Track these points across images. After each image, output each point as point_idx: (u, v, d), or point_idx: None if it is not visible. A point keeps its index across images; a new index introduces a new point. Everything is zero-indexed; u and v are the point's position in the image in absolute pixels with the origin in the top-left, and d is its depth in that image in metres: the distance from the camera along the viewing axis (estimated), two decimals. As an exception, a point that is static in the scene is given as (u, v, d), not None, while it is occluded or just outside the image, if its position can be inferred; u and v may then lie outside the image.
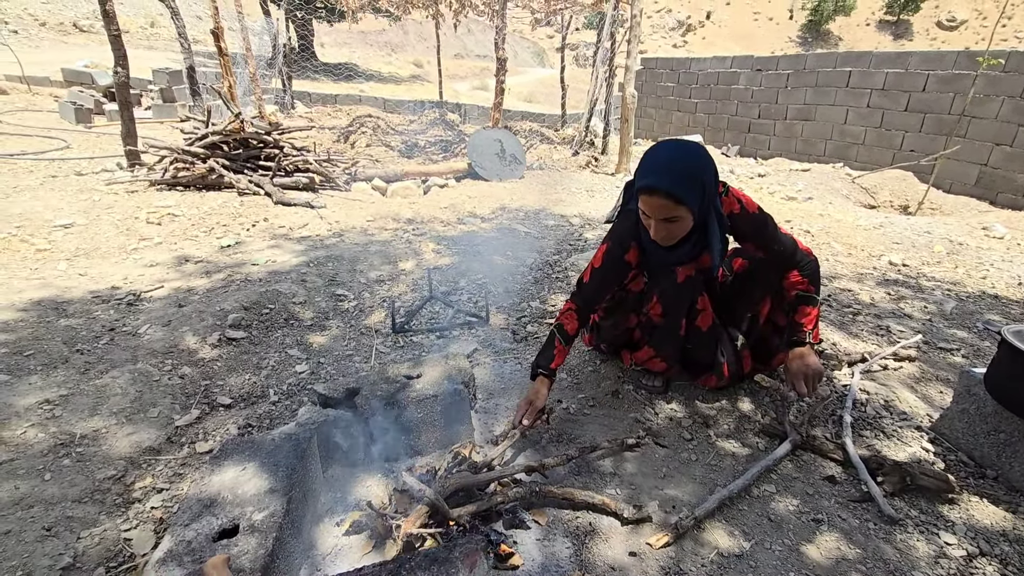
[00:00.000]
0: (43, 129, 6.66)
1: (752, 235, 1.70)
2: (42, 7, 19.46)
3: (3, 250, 3.06)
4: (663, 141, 1.53)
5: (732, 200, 1.63)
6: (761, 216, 1.67)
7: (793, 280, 1.76)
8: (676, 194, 1.44)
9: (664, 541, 1.33)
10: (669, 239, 1.57)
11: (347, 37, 27.38)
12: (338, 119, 9.37)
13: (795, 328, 1.78)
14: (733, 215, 1.64)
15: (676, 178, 1.44)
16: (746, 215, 1.65)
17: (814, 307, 1.76)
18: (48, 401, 1.75)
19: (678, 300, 1.74)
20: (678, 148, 1.50)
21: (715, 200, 1.56)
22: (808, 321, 1.77)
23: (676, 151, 1.49)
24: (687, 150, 1.49)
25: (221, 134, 4.66)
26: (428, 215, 4.26)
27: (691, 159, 1.48)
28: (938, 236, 4.20)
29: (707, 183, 1.49)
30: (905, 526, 1.41)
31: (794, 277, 1.75)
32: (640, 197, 1.50)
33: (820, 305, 1.76)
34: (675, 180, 1.44)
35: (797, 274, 1.75)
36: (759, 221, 1.67)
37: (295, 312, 2.51)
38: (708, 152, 1.54)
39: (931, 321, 2.66)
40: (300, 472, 1.34)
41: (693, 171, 1.46)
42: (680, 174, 1.45)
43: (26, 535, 1.29)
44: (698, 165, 1.48)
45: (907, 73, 7.06)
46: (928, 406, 1.91)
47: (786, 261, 1.73)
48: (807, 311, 1.76)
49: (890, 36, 32.02)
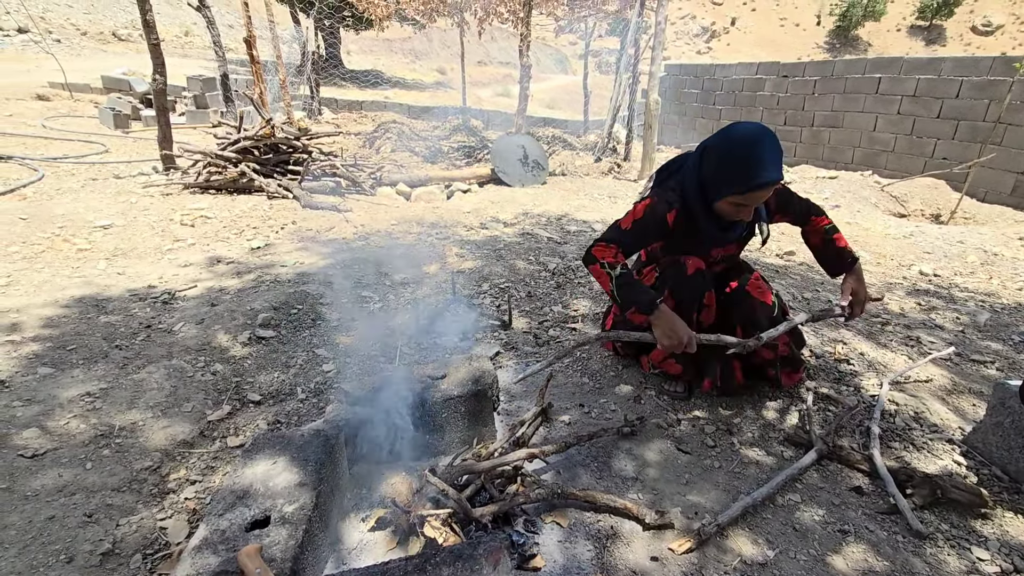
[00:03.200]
0: (84, 134, 6.93)
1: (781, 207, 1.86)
2: (84, 17, 20.27)
3: (47, 249, 3.19)
4: (743, 128, 1.56)
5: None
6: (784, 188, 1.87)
7: (819, 222, 1.90)
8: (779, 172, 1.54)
9: (686, 547, 1.32)
10: (748, 217, 1.69)
11: (373, 45, 27.84)
12: (364, 125, 9.54)
13: (844, 253, 1.88)
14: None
15: (776, 163, 1.53)
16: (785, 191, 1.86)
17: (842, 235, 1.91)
18: (89, 394, 1.83)
19: (690, 291, 1.80)
20: (768, 136, 1.54)
21: None
22: (845, 243, 1.90)
23: (771, 140, 1.54)
24: (771, 135, 1.55)
25: (252, 139, 4.80)
26: (451, 219, 4.31)
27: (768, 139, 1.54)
28: (972, 246, 4.09)
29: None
30: (935, 540, 1.38)
31: (820, 221, 1.90)
32: (750, 194, 1.56)
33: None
34: (778, 166, 1.53)
35: (820, 218, 1.91)
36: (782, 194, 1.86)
37: (322, 312, 2.57)
38: None
39: (964, 332, 2.60)
40: (328, 468, 1.38)
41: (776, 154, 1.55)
42: (777, 160, 1.53)
43: (69, 521, 1.35)
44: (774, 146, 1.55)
45: (940, 79, 6.90)
46: (960, 419, 1.87)
47: (811, 208, 1.92)
48: (841, 238, 1.89)
49: (922, 41, 31.27)
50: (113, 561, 1.28)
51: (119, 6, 21.83)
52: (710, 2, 37.33)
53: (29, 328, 2.24)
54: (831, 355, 2.28)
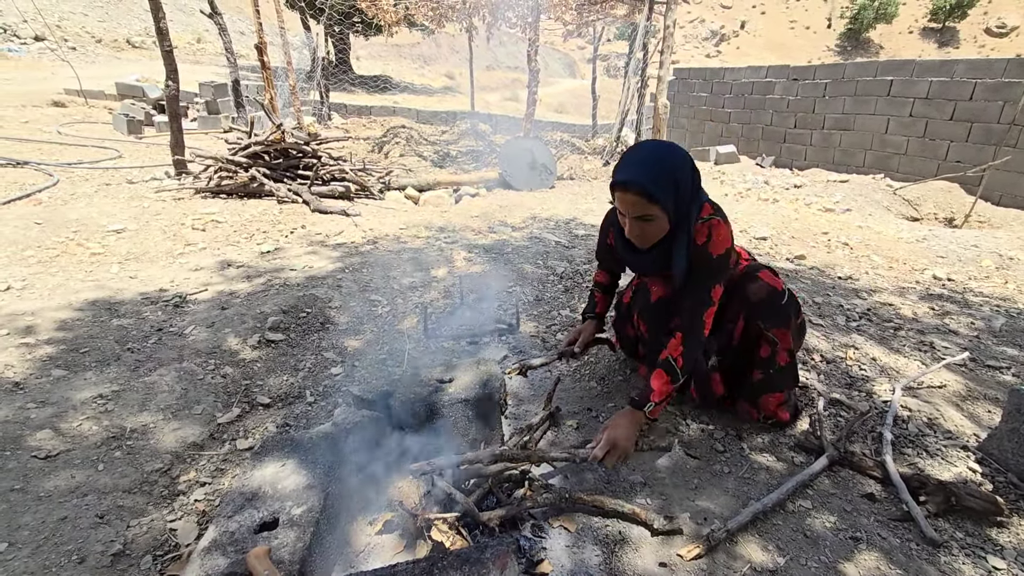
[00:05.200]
0: (98, 140, 7.04)
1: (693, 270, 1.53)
2: (98, 25, 20.63)
3: (62, 253, 3.24)
4: (645, 140, 1.54)
5: (703, 229, 1.50)
6: (717, 262, 1.50)
7: (671, 344, 1.54)
8: (649, 190, 1.40)
9: (695, 553, 1.31)
10: (644, 240, 1.52)
11: (382, 50, 28.08)
12: (372, 130, 9.61)
13: (642, 390, 1.56)
14: (695, 244, 1.51)
15: (651, 174, 1.41)
16: (702, 252, 1.50)
17: (673, 385, 1.53)
18: (101, 396, 1.85)
19: (653, 320, 1.75)
20: (657, 146, 1.49)
21: (690, 210, 1.48)
22: (658, 392, 1.53)
23: (654, 149, 1.48)
24: (665, 149, 1.48)
25: (263, 144, 4.85)
26: (459, 224, 4.33)
27: (668, 157, 1.46)
28: (986, 250, 4.04)
29: (681, 184, 1.45)
30: (950, 548, 1.36)
31: (675, 341, 1.54)
32: (615, 194, 1.47)
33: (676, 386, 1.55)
34: (650, 176, 1.41)
35: (678, 343, 1.54)
36: (709, 265, 1.50)
37: (331, 316, 2.58)
38: (689, 157, 1.52)
39: (979, 338, 2.56)
40: (337, 470, 1.38)
41: (669, 169, 1.44)
42: (655, 171, 1.42)
43: (81, 521, 1.37)
44: (674, 164, 1.45)
45: (953, 81, 6.83)
46: (975, 425, 1.84)
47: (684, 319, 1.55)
48: (663, 379, 1.53)
49: (935, 44, 30.99)
50: (124, 562, 1.30)
51: (133, 14, 22.20)
52: (719, 5, 37.27)
53: (43, 331, 2.28)
54: (842, 360, 2.25)
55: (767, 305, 1.62)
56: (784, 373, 1.71)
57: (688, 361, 1.54)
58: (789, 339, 1.66)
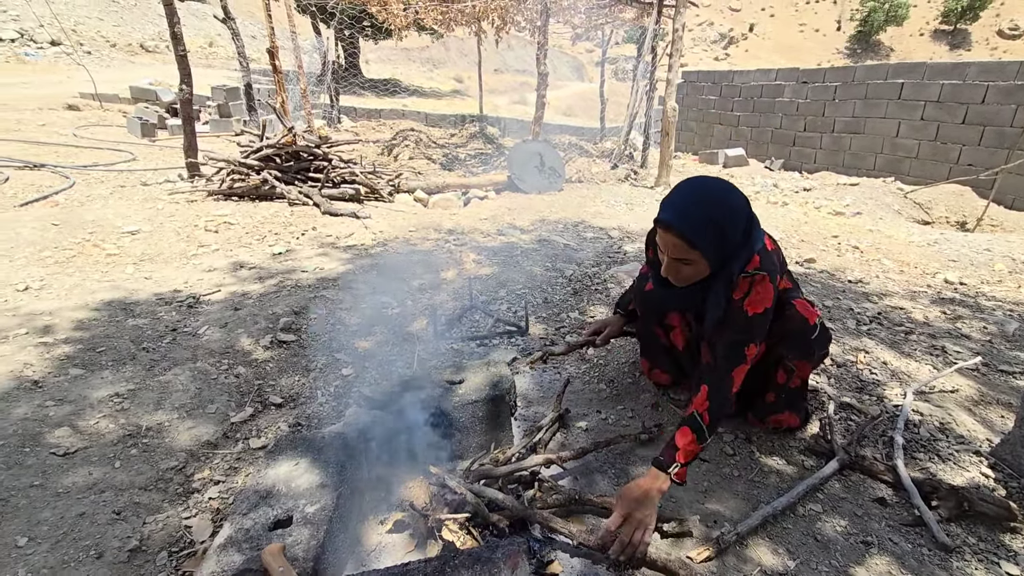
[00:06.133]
0: (113, 142, 7.14)
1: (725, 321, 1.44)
2: (113, 29, 20.91)
3: (78, 254, 3.29)
4: (701, 177, 1.40)
5: (746, 284, 1.41)
6: (752, 321, 1.41)
7: (698, 399, 1.41)
8: (690, 237, 1.31)
9: (705, 555, 1.31)
10: (679, 280, 1.45)
11: (391, 54, 28.26)
12: (382, 133, 9.66)
13: (666, 449, 1.38)
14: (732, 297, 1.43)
15: (696, 221, 1.32)
16: (738, 308, 1.42)
17: (699, 444, 1.37)
18: (118, 395, 1.88)
19: (645, 307, 1.81)
20: (708, 189, 1.36)
21: (735, 257, 1.39)
22: (684, 451, 1.36)
23: (705, 192, 1.35)
24: (717, 193, 1.35)
25: (274, 147, 4.89)
26: (468, 226, 4.35)
27: (718, 203, 1.34)
28: (999, 254, 4.00)
29: (728, 232, 1.35)
30: (962, 554, 1.35)
31: (701, 396, 1.41)
32: (657, 229, 1.39)
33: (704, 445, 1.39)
34: (694, 223, 1.32)
35: (704, 398, 1.40)
36: (741, 323, 1.42)
37: (342, 317, 2.60)
38: (745, 203, 1.38)
39: (991, 342, 2.54)
40: (348, 469, 1.40)
41: (716, 217, 1.33)
42: (702, 217, 1.32)
43: (98, 517, 1.39)
44: (723, 212, 1.34)
45: (965, 84, 6.78)
46: (988, 430, 1.83)
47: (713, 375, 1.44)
48: (689, 438, 1.36)
49: (946, 46, 30.72)
50: (140, 558, 1.32)
51: (147, 19, 22.49)
52: (728, 8, 37.17)
53: (61, 330, 2.32)
54: (853, 363, 2.24)
55: (795, 336, 1.56)
56: (795, 394, 1.71)
57: (715, 419, 1.40)
58: (808, 370, 1.67)
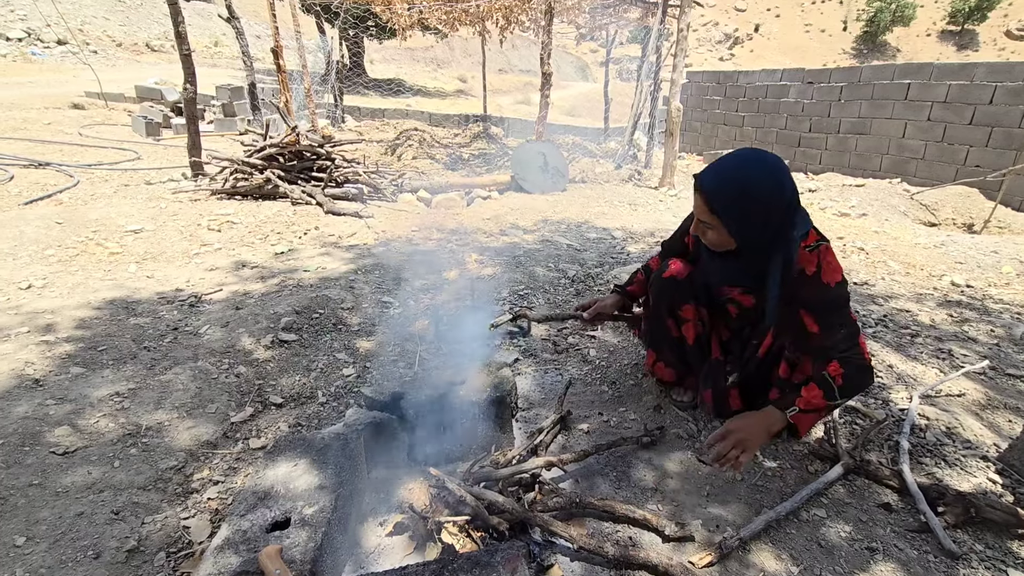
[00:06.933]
0: (117, 141, 7.16)
1: (813, 305, 1.42)
2: (119, 29, 21.01)
3: (81, 253, 3.30)
4: (757, 151, 1.38)
5: (811, 258, 1.40)
6: (837, 291, 1.41)
7: (831, 367, 1.41)
8: (711, 201, 1.37)
9: (707, 560, 1.30)
10: (705, 240, 1.49)
11: (395, 54, 28.27)
12: (386, 132, 9.67)
13: (787, 393, 1.45)
14: (802, 273, 1.40)
15: (722, 186, 1.36)
16: (817, 282, 1.39)
17: (826, 400, 1.39)
18: (118, 394, 1.88)
19: (659, 294, 1.75)
20: (747, 163, 1.36)
21: (781, 243, 1.38)
22: (806, 400, 1.39)
23: (743, 164, 1.36)
24: (755, 169, 1.35)
25: (278, 146, 4.90)
26: (471, 226, 4.34)
27: (752, 179, 1.33)
28: (1007, 256, 3.96)
29: (757, 213, 1.35)
30: (969, 560, 1.33)
31: (832, 368, 1.40)
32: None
33: (835, 407, 1.43)
34: (719, 187, 1.36)
35: (838, 366, 1.40)
36: (832, 296, 1.41)
37: (343, 317, 2.60)
38: (781, 187, 1.35)
39: (999, 346, 2.51)
40: (348, 471, 1.39)
41: (746, 191, 1.33)
42: (729, 185, 1.35)
43: (97, 517, 1.39)
44: (756, 190, 1.33)
45: (972, 85, 6.72)
46: (995, 435, 1.80)
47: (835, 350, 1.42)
48: (814, 392, 1.39)
49: (953, 47, 30.54)
50: (138, 558, 1.31)
51: (152, 18, 22.59)
52: (733, 8, 37.05)
53: (63, 329, 2.32)
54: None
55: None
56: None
57: (849, 382, 1.39)
58: (809, 368, 1.58)
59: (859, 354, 1.41)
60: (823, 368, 1.41)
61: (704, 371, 1.80)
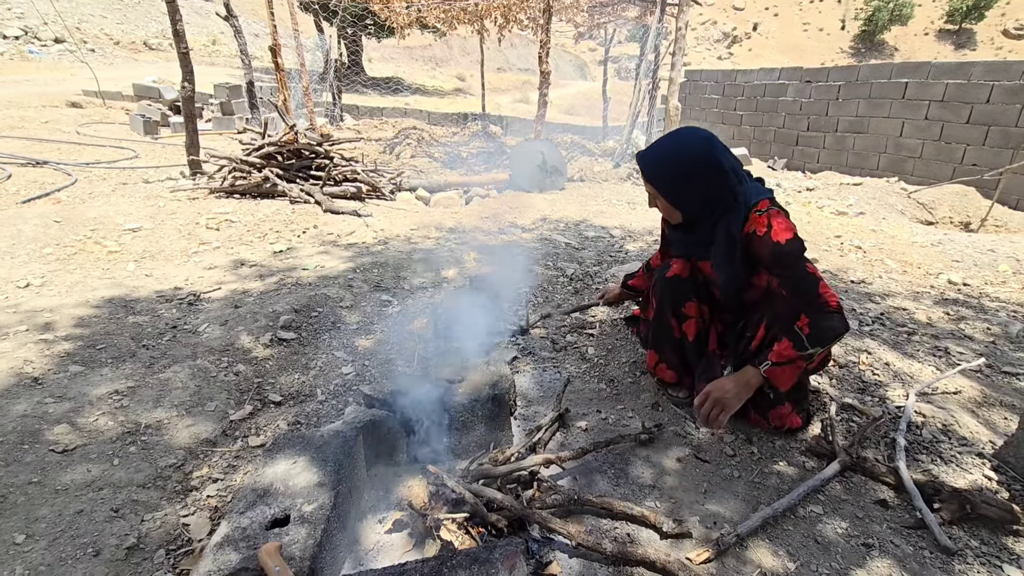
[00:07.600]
0: (115, 140, 7.15)
1: (769, 263, 1.51)
2: (116, 27, 20.95)
3: (79, 251, 3.30)
4: (689, 128, 1.56)
5: (761, 220, 1.49)
6: (789, 248, 1.46)
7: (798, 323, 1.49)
8: (646, 172, 1.55)
9: (705, 557, 1.31)
10: (664, 213, 1.66)
11: (394, 52, 28.23)
12: (384, 131, 9.66)
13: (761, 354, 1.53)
14: (754, 235, 1.49)
15: (656, 158, 1.54)
16: (768, 241, 1.46)
17: (797, 351, 1.45)
18: (117, 392, 1.88)
19: (663, 294, 1.79)
20: (680, 135, 1.54)
21: (722, 211, 1.54)
22: (777, 352, 1.47)
23: (678, 135, 1.53)
24: (687, 143, 1.51)
25: (276, 145, 4.89)
26: (470, 225, 4.34)
27: (683, 152, 1.50)
28: (1003, 255, 3.98)
29: (692, 183, 1.51)
30: (964, 557, 1.34)
31: (800, 321, 1.48)
32: None
33: (808, 360, 1.47)
34: (653, 160, 1.54)
35: (803, 317, 1.47)
36: (783, 252, 1.46)
37: (342, 316, 2.60)
38: (712, 159, 1.48)
39: (995, 344, 2.52)
40: (347, 468, 1.39)
41: (677, 163, 1.50)
42: (662, 157, 1.53)
43: (96, 515, 1.39)
44: (687, 161, 1.49)
45: (969, 84, 6.75)
46: (991, 432, 1.81)
47: (801, 306, 1.49)
48: (785, 344, 1.46)
49: (951, 46, 30.57)
50: (138, 556, 1.31)
51: (150, 16, 22.53)
52: (731, 7, 37.04)
53: (61, 327, 2.32)
54: (855, 364, 2.23)
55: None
56: (794, 389, 1.66)
57: (816, 331, 1.44)
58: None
59: (823, 301, 1.46)
60: (795, 324, 1.49)
61: (702, 365, 1.82)
